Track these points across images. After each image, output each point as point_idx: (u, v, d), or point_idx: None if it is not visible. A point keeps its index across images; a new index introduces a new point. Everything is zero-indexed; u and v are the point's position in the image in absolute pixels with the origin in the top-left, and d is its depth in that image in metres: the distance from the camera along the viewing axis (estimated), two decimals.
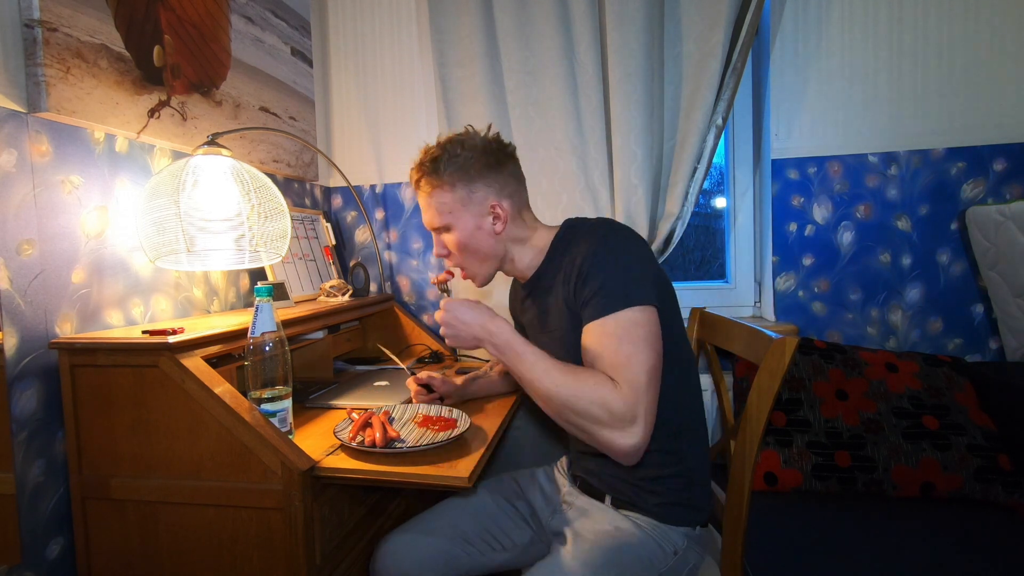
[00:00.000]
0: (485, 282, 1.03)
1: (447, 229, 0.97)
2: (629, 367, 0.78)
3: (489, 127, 1.00)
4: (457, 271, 1.05)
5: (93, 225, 1.00)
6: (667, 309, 0.87)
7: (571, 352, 0.90)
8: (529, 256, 1.00)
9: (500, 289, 1.64)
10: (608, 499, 0.95)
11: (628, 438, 0.77)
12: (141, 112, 1.07)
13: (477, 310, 0.90)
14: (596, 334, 0.82)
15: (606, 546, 0.86)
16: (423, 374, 1.14)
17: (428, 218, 0.99)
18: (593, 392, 0.78)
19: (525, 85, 1.54)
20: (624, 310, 0.80)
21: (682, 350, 0.92)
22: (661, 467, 0.88)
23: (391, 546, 0.99)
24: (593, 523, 0.92)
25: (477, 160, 0.94)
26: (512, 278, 1.14)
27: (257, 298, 0.91)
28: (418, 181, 0.98)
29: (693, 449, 0.91)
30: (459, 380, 1.18)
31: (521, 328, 1.15)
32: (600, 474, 0.96)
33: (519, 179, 1.01)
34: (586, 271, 0.85)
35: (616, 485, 0.93)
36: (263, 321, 0.90)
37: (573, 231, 0.96)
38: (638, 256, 0.85)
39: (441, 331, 0.94)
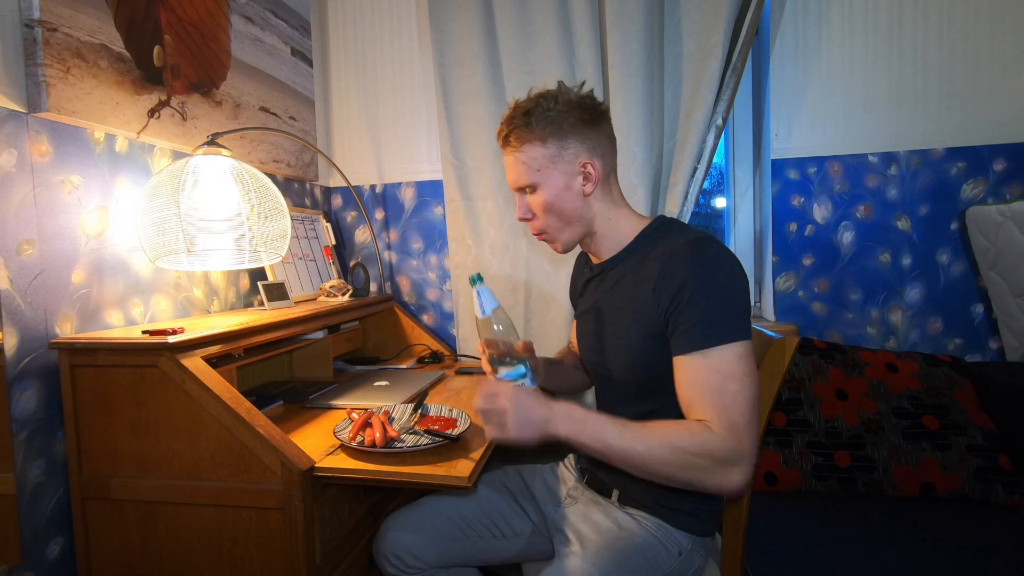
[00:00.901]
0: (567, 248, 0.95)
1: (533, 189, 0.90)
2: (734, 408, 0.74)
3: (583, 84, 0.92)
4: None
5: (93, 225, 1.00)
6: None
7: (636, 362, 0.87)
8: (612, 236, 0.93)
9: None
10: (615, 494, 0.94)
11: (736, 476, 0.74)
12: (141, 112, 1.07)
13: (536, 395, 0.83)
14: (698, 368, 0.77)
15: (613, 547, 0.86)
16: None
17: (514, 177, 0.91)
18: (691, 443, 0.74)
19: (525, 85, 1.53)
20: (728, 344, 0.75)
21: None
22: None
23: (395, 525, 1.00)
24: (597, 521, 0.91)
25: (571, 114, 0.87)
26: (577, 256, 1.11)
27: (474, 285, 0.89)
28: (507, 136, 0.90)
29: None
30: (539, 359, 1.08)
31: (573, 308, 1.10)
32: (609, 469, 0.96)
33: (612, 140, 0.93)
34: (687, 295, 0.78)
35: (625, 482, 0.92)
36: (487, 301, 0.89)
37: (666, 232, 0.89)
38: (741, 287, 0.80)
39: (489, 430, 0.83)
